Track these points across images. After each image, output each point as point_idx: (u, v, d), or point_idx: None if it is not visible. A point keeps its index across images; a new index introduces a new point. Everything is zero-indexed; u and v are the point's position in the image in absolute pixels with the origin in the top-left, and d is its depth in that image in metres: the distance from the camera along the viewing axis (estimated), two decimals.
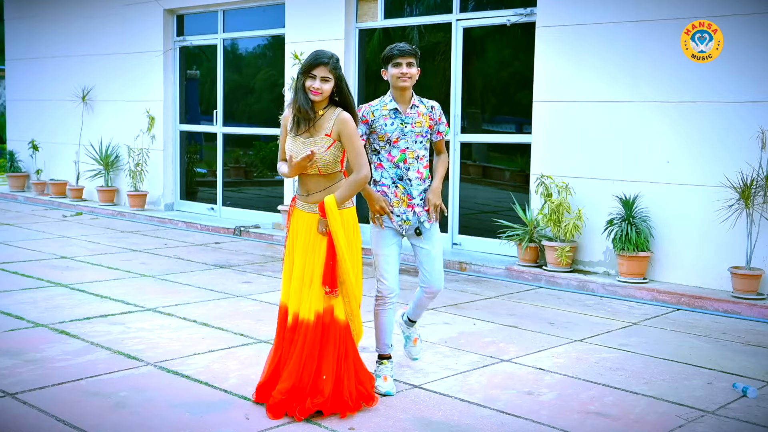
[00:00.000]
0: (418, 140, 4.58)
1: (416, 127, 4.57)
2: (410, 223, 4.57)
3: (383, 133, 4.55)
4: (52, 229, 10.59)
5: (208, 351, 5.26)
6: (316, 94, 4.27)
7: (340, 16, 9.91)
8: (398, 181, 4.56)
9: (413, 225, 4.58)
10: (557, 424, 4.14)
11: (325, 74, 4.27)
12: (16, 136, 15.17)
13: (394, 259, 4.61)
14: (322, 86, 4.26)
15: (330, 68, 4.28)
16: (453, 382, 4.71)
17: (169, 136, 12.35)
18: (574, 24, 7.97)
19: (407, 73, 4.57)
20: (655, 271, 7.49)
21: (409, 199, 4.55)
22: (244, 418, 4.10)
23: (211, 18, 11.90)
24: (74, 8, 13.68)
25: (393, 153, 4.55)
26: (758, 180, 6.87)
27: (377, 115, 4.58)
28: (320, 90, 4.26)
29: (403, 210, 4.56)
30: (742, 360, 5.40)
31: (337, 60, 4.34)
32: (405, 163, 4.54)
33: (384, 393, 4.49)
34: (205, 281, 7.51)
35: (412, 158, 4.55)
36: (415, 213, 4.57)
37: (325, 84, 4.27)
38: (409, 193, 4.56)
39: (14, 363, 4.87)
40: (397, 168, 4.55)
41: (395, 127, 4.55)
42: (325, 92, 4.27)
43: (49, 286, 7.08)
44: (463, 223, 9.08)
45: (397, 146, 4.54)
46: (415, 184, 4.56)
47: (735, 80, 7.05)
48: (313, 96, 4.28)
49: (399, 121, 4.56)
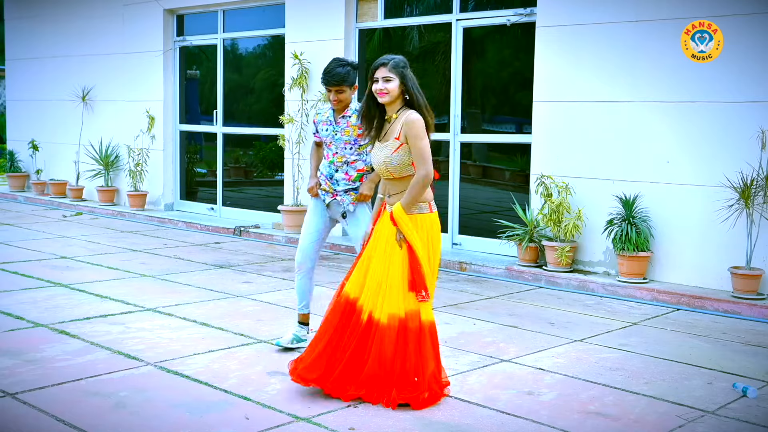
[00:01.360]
0: (347, 147, 5.13)
1: (344, 136, 5.12)
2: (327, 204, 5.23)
3: (322, 136, 5.24)
4: (52, 229, 10.59)
5: (208, 351, 5.26)
6: (382, 95, 4.35)
7: (340, 16, 9.91)
8: (328, 178, 5.20)
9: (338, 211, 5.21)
10: (557, 424, 4.14)
11: (385, 74, 4.34)
12: (16, 136, 15.17)
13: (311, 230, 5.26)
14: (385, 86, 4.33)
15: (390, 68, 4.36)
16: (453, 382, 4.70)
17: (169, 136, 12.35)
18: (573, 24, 7.97)
19: (335, 100, 5.08)
20: (655, 271, 7.49)
21: (334, 191, 5.19)
22: (244, 418, 4.10)
23: (211, 18, 11.89)
24: (74, 8, 13.68)
25: (328, 153, 5.23)
26: (758, 180, 6.87)
27: (319, 119, 5.26)
28: (385, 89, 4.33)
29: (324, 194, 5.23)
30: (742, 360, 5.40)
31: (401, 61, 4.40)
32: (334, 165, 5.18)
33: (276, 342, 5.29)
34: (205, 281, 7.51)
35: (341, 162, 5.16)
36: (337, 200, 5.18)
37: (388, 83, 4.33)
38: (334, 188, 5.18)
39: (14, 363, 4.87)
40: (329, 166, 5.20)
41: (328, 132, 5.19)
42: (391, 91, 4.34)
43: (49, 286, 7.08)
44: (463, 223, 9.08)
45: (330, 149, 5.19)
46: (342, 184, 5.16)
47: (735, 80, 7.05)
48: (380, 98, 4.36)
49: (332, 128, 5.17)
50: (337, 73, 4.98)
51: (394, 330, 4.31)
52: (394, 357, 4.31)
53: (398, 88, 4.36)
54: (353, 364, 4.37)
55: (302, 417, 4.14)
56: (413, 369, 4.31)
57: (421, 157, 4.29)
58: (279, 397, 4.41)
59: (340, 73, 4.98)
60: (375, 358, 4.32)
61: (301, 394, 4.47)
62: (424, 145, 4.30)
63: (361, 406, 4.32)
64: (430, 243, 4.40)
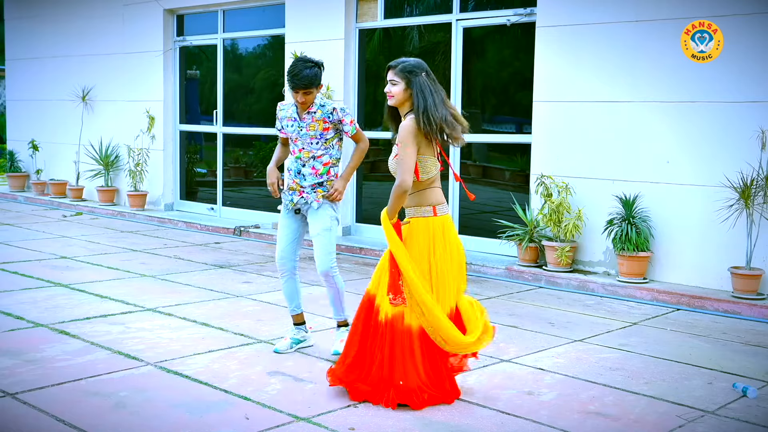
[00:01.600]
0: (314, 142, 5.13)
1: (310, 131, 5.12)
2: (294, 205, 5.20)
3: (287, 132, 5.22)
4: (52, 229, 10.59)
5: (208, 351, 5.26)
6: (389, 97, 4.45)
7: (340, 16, 9.91)
8: (297, 173, 5.19)
9: (297, 206, 5.20)
10: (557, 424, 4.14)
11: (392, 77, 4.41)
12: (16, 136, 15.17)
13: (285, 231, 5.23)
14: (390, 89, 4.40)
15: (396, 71, 4.40)
16: None
17: (169, 136, 12.35)
18: (573, 24, 7.97)
19: (302, 101, 5.05)
20: (655, 271, 7.49)
21: (301, 187, 5.19)
22: (244, 418, 4.10)
23: (211, 18, 11.89)
24: (74, 8, 13.68)
25: (294, 149, 5.21)
26: (758, 180, 6.87)
27: (283, 116, 5.26)
28: (389, 92, 4.42)
29: (291, 194, 5.21)
30: (742, 360, 5.40)
31: (410, 65, 4.37)
32: (301, 161, 5.17)
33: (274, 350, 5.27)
34: (205, 281, 7.51)
35: (308, 157, 5.15)
36: (303, 197, 5.18)
37: (393, 87, 4.39)
38: (301, 184, 5.18)
39: (14, 363, 4.87)
40: (296, 162, 5.20)
41: (293, 128, 5.18)
42: (396, 95, 4.40)
43: (49, 286, 7.08)
44: (463, 223, 9.08)
45: (296, 145, 5.18)
46: (309, 179, 5.16)
47: (735, 80, 7.05)
48: (388, 101, 4.47)
49: (297, 124, 5.16)
50: (305, 76, 4.94)
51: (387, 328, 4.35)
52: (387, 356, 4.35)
53: (403, 92, 4.39)
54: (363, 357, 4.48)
55: (302, 417, 4.14)
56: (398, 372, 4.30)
57: (401, 165, 4.25)
58: (279, 397, 4.42)
59: (308, 75, 4.95)
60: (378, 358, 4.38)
61: (301, 394, 4.48)
62: (405, 154, 4.24)
63: (361, 406, 4.32)
64: (432, 247, 4.38)
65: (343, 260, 8.87)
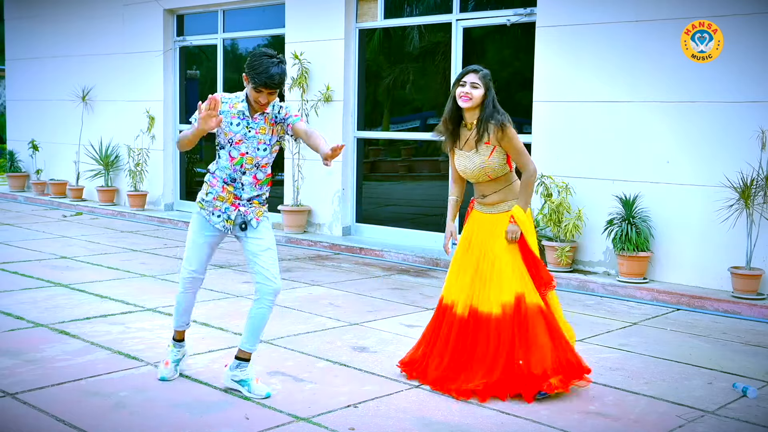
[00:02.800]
0: (261, 147, 4.38)
1: (260, 134, 4.37)
2: (232, 222, 4.42)
3: (228, 131, 4.36)
4: (52, 229, 10.59)
5: (208, 351, 5.26)
6: (465, 99, 4.45)
7: (340, 16, 9.91)
8: (229, 182, 4.41)
9: (237, 223, 4.42)
10: (557, 424, 4.14)
11: (474, 81, 4.46)
12: (16, 136, 15.17)
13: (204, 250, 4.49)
14: (471, 91, 4.44)
15: (480, 76, 4.47)
16: None
17: (169, 136, 12.35)
18: (573, 24, 7.97)
19: (265, 102, 4.31)
20: (655, 271, 7.49)
21: (235, 198, 4.41)
22: (244, 418, 4.10)
23: (211, 18, 11.90)
24: (74, 8, 13.68)
25: (233, 154, 4.37)
26: (758, 180, 6.87)
27: (224, 109, 4.37)
28: (470, 94, 4.44)
29: (226, 207, 4.41)
30: (742, 360, 5.40)
31: (489, 74, 4.53)
32: (242, 167, 4.38)
33: (159, 378, 4.65)
34: (205, 281, 7.49)
35: (251, 164, 4.38)
36: (240, 212, 4.41)
37: (474, 90, 4.44)
38: (238, 195, 4.41)
39: (14, 363, 4.87)
40: (232, 170, 4.38)
41: (240, 128, 4.36)
42: (474, 98, 4.45)
43: (49, 286, 7.08)
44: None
45: (238, 148, 4.36)
46: (248, 189, 4.41)
47: (735, 80, 7.05)
48: (462, 102, 4.46)
49: (245, 123, 4.36)
50: (276, 74, 4.23)
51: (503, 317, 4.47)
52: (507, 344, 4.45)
53: (481, 98, 4.49)
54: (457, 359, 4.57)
55: (302, 417, 4.14)
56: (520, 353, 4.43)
57: (526, 156, 4.55)
58: (279, 397, 4.41)
59: (278, 73, 4.24)
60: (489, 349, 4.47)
61: (301, 394, 4.48)
62: (521, 144, 4.55)
63: (361, 406, 4.32)
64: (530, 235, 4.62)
65: (342, 260, 8.86)
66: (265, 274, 4.39)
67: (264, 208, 4.51)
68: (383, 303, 6.82)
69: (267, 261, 4.40)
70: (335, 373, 4.89)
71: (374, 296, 7.08)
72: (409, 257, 8.79)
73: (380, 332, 5.85)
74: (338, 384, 4.68)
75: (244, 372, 4.46)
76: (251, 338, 4.50)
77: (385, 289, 7.38)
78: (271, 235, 4.51)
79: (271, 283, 4.39)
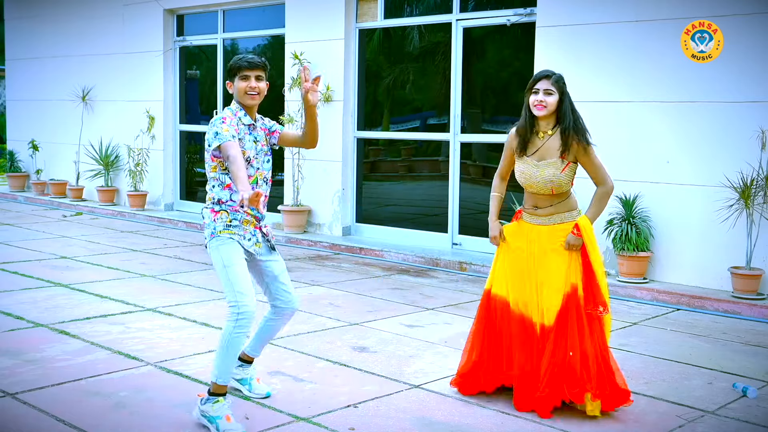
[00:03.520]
0: (266, 160, 4.16)
1: (264, 145, 4.15)
2: (261, 246, 4.17)
3: (245, 149, 4.01)
4: (52, 229, 10.59)
5: (208, 351, 5.25)
6: (540, 108, 4.25)
7: (340, 16, 9.91)
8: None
9: (264, 246, 4.20)
10: (557, 424, 4.14)
11: (547, 87, 4.24)
12: (16, 136, 15.17)
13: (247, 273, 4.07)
14: (545, 98, 4.23)
15: (553, 81, 4.25)
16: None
17: (169, 136, 12.35)
18: (573, 24, 7.97)
19: (256, 88, 4.03)
20: (655, 271, 7.49)
21: (257, 220, 4.14)
22: (244, 418, 4.10)
23: (211, 18, 11.90)
24: (74, 8, 13.68)
25: (250, 172, 4.04)
26: (758, 180, 6.87)
27: (237, 123, 4.01)
28: (544, 102, 4.23)
29: (253, 231, 4.12)
30: (742, 360, 5.40)
31: (562, 77, 4.31)
32: (257, 185, 4.09)
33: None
34: (205, 281, 7.50)
35: (262, 179, 4.12)
36: (263, 234, 4.18)
37: (548, 97, 4.24)
38: (258, 215, 4.10)
39: (14, 363, 4.87)
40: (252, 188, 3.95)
41: (251, 144, 4.05)
42: (549, 105, 4.24)
43: (49, 286, 7.08)
44: (463, 223, 9.08)
45: (253, 166, 4.07)
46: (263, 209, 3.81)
47: (735, 80, 7.05)
48: (537, 111, 4.26)
49: (252, 138, 4.07)
50: (256, 56, 4.06)
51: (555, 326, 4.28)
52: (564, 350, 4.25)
53: (556, 104, 4.28)
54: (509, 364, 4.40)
55: (302, 417, 4.14)
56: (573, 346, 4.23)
57: (604, 171, 4.45)
58: (279, 397, 4.42)
59: (254, 54, 4.09)
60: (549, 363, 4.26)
61: (301, 394, 4.48)
62: (599, 158, 4.43)
63: (361, 406, 4.32)
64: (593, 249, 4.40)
65: (342, 260, 8.86)
66: (288, 297, 4.28)
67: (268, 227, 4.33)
68: (383, 303, 6.82)
69: (287, 282, 4.30)
70: (335, 373, 4.89)
71: (374, 296, 7.08)
72: (409, 257, 8.79)
73: (380, 332, 5.85)
74: (338, 384, 4.68)
75: (246, 371, 4.46)
76: (258, 346, 4.45)
77: (385, 289, 7.38)
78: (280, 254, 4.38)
79: (294, 303, 4.31)
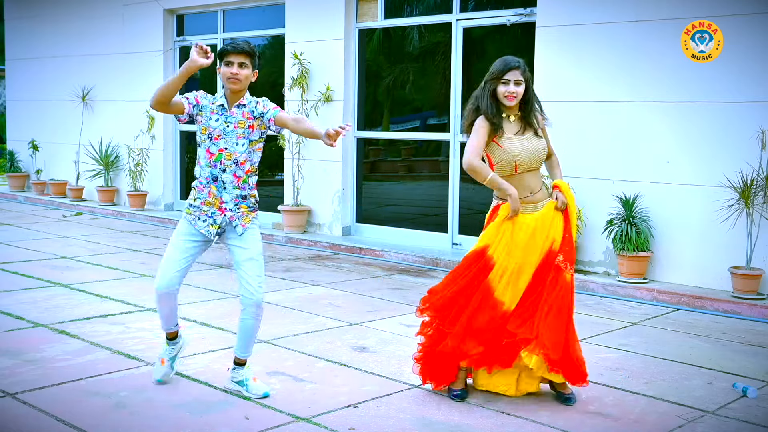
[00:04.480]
0: (240, 141, 4.26)
1: (238, 128, 4.25)
2: (218, 227, 4.30)
3: (207, 125, 4.27)
4: (52, 229, 10.59)
5: (208, 351, 5.26)
6: (511, 99, 4.41)
7: (340, 16, 9.91)
8: (212, 181, 4.28)
9: (223, 228, 4.31)
10: (557, 424, 4.14)
11: (518, 78, 4.41)
12: (16, 136, 15.17)
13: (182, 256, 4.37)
14: (516, 89, 4.40)
15: (522, 72, 4.42)
16: None
17: (169, 136, 12.35)
18: (573, 24, 7.97)
19: (238, 74, 4.19)
20: (655, 271, 7.49)
21: (220, 202, 4.28)
22: (244, 418, 4.10)
23: (211, 18, 11.90)
24: (74, 8, 13.68)
25: (212, 150, 4.26)
26: (758, 180, 6.87)
27: (205, 102, 4.30)
28: (515, 93, 4.40)
29: (213, 211, 4.29)
30: (742, 360, 5.40)
31: (526, 64, 4.51)
32: (221, 164, 4.25)
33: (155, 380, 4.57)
34: (205, 281, 7.50)
35: (230, 160, 4.25)
36: (225, 216, 4.29)
37: (518, 87, 4.41)
38: (220, 196, 4.27)
39: (14, 363, 4.87)
40: (212, 167, 4.26)
41: (219, 123, 4.26)
42: (519, 95, 4.42)
43: (49, 286, 7.08)
44: (463, 223, 9.08)
45: (217, 144, 4.25)
46: (230, 187, 4.27)
47: (735, 80, 7.05)
48: (509, 102, 4.41)
49: (224, 119, 4.26)
50: (243, 41, 4.22)
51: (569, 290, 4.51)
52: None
53: (523, 93, 4.45)
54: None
55: (302, 417, 4.15)
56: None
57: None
58: (279, 397, 4.42)
59: (241, 40, 4.26)
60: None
61: (301, 394, 4.48)
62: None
63: (361, 406, 4.32)
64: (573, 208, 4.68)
65: (342, 260, 8.86)
66: (246, 286, 4.32)
67: (253, 215, 4.36)
68: (383, 303, 6.82)
69: (249, 271, 4.31)
70: (335, 373, 4.89)
71: (374, 296, 7.08)
72: (409, 257, 8.79)
73: (380, 332, 5.85)
74: (338, 384, 4.68)
75: (241, 372, 4.48)
76: (243, 347, 4.48)
77: (385, 289, 7.38)
78: (258, 244, 4.37)
79: (251, 295, 4.33)
